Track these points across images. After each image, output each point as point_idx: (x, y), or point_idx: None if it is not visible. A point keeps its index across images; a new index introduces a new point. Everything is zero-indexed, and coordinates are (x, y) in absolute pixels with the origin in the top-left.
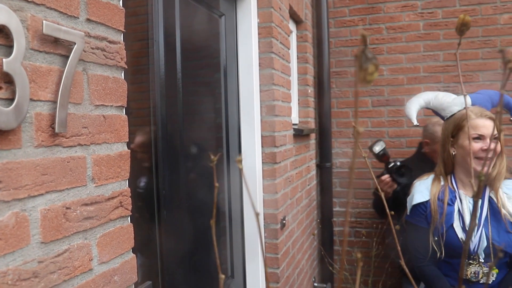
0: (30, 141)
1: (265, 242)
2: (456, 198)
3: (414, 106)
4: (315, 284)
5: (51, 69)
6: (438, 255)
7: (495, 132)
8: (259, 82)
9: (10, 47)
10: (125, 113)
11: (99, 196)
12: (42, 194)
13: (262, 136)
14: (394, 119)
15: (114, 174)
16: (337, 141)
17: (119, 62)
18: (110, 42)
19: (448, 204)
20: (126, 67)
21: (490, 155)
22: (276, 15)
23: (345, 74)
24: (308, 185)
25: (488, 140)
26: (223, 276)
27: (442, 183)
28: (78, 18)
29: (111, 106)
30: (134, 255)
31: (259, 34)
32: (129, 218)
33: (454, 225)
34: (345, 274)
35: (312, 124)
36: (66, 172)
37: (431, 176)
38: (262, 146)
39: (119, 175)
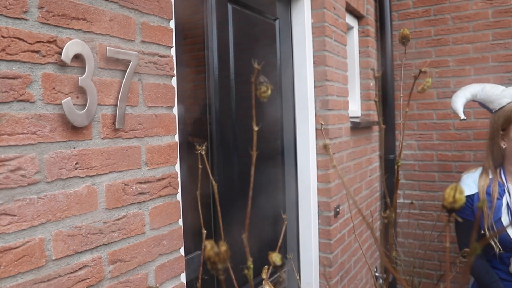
0: (98, 135)
1: (318, 228)
2: (505, 192)
3: (460, 100)
4: (376, 274)
5: (114, 81)
6: (494, 250)
7: None
8: (313, 79)
9: (83, 67)
10: (177, 111)
11: (151, 177)
12: (106, 173)
13: (316, 129)
14: None
15: (164, 160)
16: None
17: (168, 72)
18: (161, 56)
19: (497, 198)
20: (175, 75)
21: None
22: (330, 14)
23: (409, 67)
24: (370, 176)
25: None
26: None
27: (490, 176)
28: (135, 40)
29: (162, 106)
30: (181, 225)
31: (313, 33)
32: (176, 196)
33: (502, 219)
34: (404, 266)
35: (374, 116)
36: (125, 158)
37: (479, 169)
38: (316, 139)
39: (168, 161)
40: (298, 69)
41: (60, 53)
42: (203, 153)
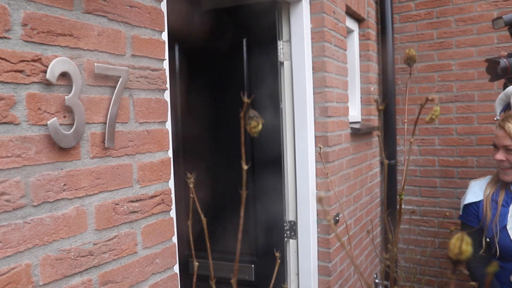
0: (87, 154)
1: (317, 237)
2: None
3: (498, 102)
4: (376, 281)
5: (103, 98)
6: (493, 252)
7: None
8: (312, 85)
9: (70, 86)
10: (168, 126)
11: (143, 194)
12: (96, 194)
13: (315, 136)
14: (463, 115)
15: (157, 177)
16: (403, 138)
17: (160, 85)
18: (152, 70)
19: (503, 205)
20: (167, 88)
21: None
22: (329, 19)
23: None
24: (370, 182)
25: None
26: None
27: (498, 184)
28: (125, 55)
29: (154, 122)
30: (175, 242)
31: (312, 39)
32: (170, 212)
33: (508, 227)
34: (405, 273)
35: (375, 121)
36: (116, 176)
37: (488, 177)
38: (315, 146)
39: (161, 178)
40: (297, 75)
41: (46, 72)
42: (191, 185)
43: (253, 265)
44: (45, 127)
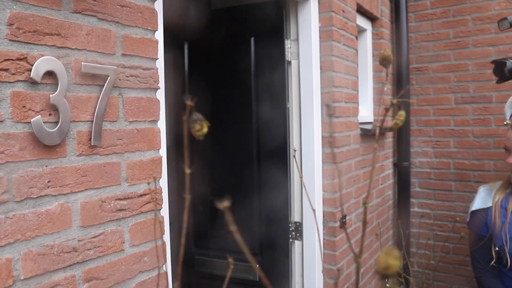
0: (73, 152)
1: (323, 239)
2: None
3: (508, 105)
4: (387, 285)
5: (90, 96)
6: (504, 262)
7: None
8: (320, 85)
9: (56, 84)
10: (160, 125)
11: (132, 193)
12: (82, 191)
13: (322, 137)
14: (481, 117)
15: (147, 175)
16: (417, 139)
17: (152, 84)
18: (144, 69)
19: None
20: (160, 87)
21: None
22: (338, 18)
23: (426, 70)
24: (381, 184)
25: None
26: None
27: (509, 190)
28: (115, 54)
29: (144, 121)
30: (165, 241)
31: (320, 38)
32: (161, 211)
33: None
34: (417, 279)
35: (388, 122)
36: (103, 174)
37: (498, 183)
38: (322, 146)
39: (151, 176)
40: (304, 75)
41: (31, 70)
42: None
43: (257, 265)
44: (30, 124)
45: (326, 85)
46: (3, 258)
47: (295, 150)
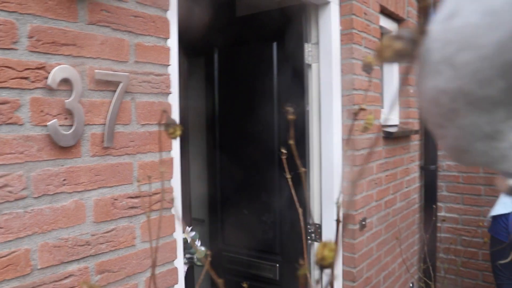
0: (87, 152)
1: (342, 241)
2: None
3: None
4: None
5: (104, 101)
6: None
7: None
8: (340, 88)
9: (71, 90)
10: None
11: (143, 192)
12: (95, 189)
13: (342, 139)
14: None
15: (158, 175)
16: None
17: (164, 89)
18: (156, 75)
19: None
20: (171, 92)
21: None
22: (359, 20)
23: None
24: (406, 187)
25: None
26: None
27: None
28: (128, 61)
29: (156, 123)
30: (176, 238)
31: (341, 41)
32: (171, 210)
33: None
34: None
35: (414, 125)
36: (115, 174)
37: None
38: (342, 149)
39: (163, 176)
40: (324, 77)
41: (48, 78)
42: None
43: (277, 265)
44: (47, 127)
45: (347, 87)
46: (22, 248)
47: (284, 152)
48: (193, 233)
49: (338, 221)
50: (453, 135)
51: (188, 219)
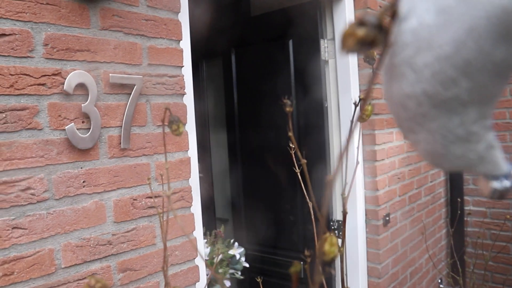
0: (105, 154)
1: (366, 237)
2: None
3: None
4: (441, 286)
5: (119, 104)
6: None
7: None
8: (358, 83)
9: (87, 95)
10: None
11: (161, 191)
12: (114, 190)
13: (362, 135)
14: None
15: (176, 175)
16: None
17: (178, 90)
18: (170, 76)
19: None
20: (186, 93)
21: None
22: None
23: None
24: (431, 181)
25: None
26: None
27: None
28: (141, 64)
29: None
30: (196, 237)
31: None
32: (190, 209)
33: None
34: (474, 280)
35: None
36: (133, 175)
37: None
38: (363, 144)
39: (180, 176)
40: (341, 73)
41: (64, 83)
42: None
43: (302, 262)
44: (65, 131)
45: (365, 82)
46: (46, 248)
47: (293, 147)
48: (241, 249)
49: (344, 212)
50: (425, 140)
51: (212, 219)
